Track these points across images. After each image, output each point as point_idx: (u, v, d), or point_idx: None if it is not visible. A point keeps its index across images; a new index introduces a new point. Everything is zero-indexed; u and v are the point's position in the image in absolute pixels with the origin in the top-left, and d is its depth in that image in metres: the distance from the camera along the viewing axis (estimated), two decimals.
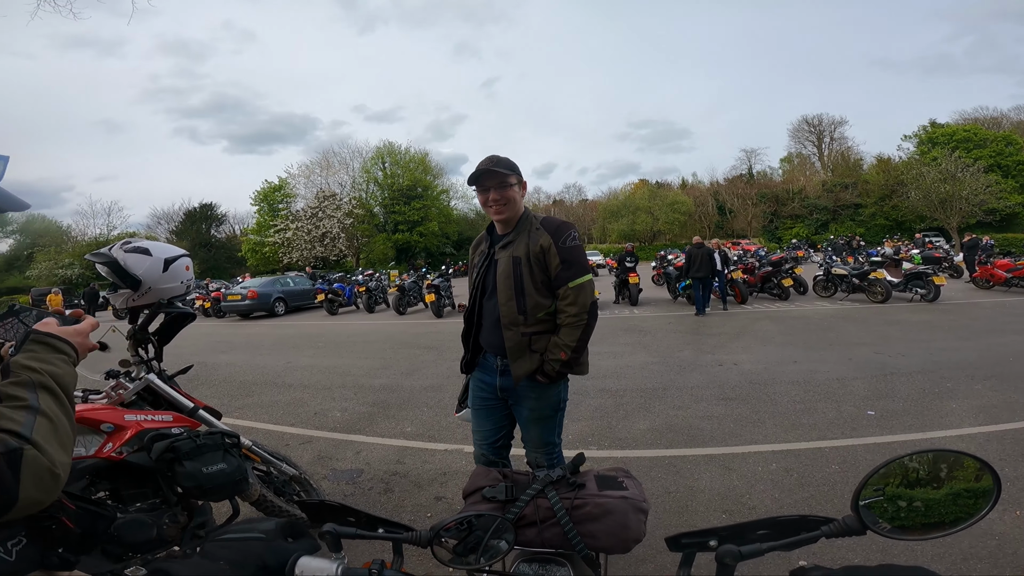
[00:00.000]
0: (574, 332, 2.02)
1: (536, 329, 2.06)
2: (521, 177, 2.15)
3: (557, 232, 2.07)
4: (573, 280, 2.03)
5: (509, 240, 2.11)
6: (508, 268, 2.06)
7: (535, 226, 2.10)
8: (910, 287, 11.09)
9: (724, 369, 6.13)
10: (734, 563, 0.68)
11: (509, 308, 2.05)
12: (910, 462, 0.66)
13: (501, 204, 2.07)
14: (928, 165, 37.24)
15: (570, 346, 2.02)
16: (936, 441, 3.77)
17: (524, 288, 2.02)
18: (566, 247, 2.05)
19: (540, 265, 2.04)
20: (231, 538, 0.74)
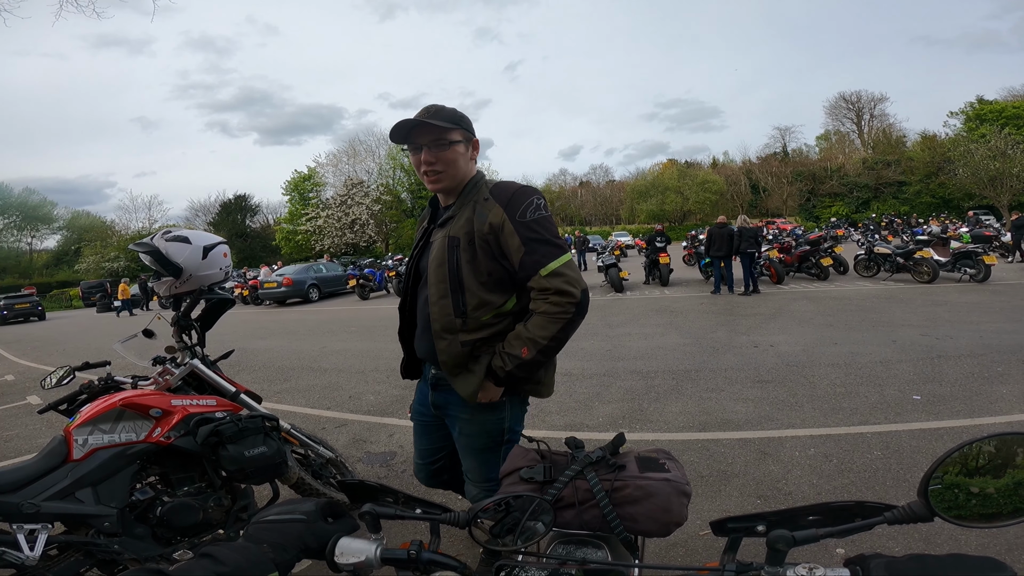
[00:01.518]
0: (551, 325, 1.43)
1: (481, 335, 1.52)
2: (470, 132, 1.60)
3: (512, 202, 1.48)
4: (546, 265, 1.45)
5: (450, 215, 1.57)
6: (442, 254, 1.51)
7: (483, 197, 1.53)
8: (958, 267, 10.58)
9: (760, 351, 5.98)
10: (787, 548, 0.65)
11: (442, 309, 1.50)
12: (986, 446, 0.62)
13: (436, 169, 1.52)
14: (976, 142, 35.52)
15: (540, 342, 1.43)
16: (986, 428, 3.60)
17: (463, 281, 1.48)
18: (527, 221, 1.47)
19: (488, 250, 1.49)
20: (273, 520, 0.75)
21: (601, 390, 4.91)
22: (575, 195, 58.65)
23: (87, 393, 2.32)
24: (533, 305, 1.48)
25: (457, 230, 1.52)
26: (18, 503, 1.74)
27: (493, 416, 1.61)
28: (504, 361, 1.48)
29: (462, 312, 1.51)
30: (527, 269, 1.46)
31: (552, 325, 1.43)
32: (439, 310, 1.52)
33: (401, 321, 1.80)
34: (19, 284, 37.35)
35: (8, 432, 5.24)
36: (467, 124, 1.60)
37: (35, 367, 9.54)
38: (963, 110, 42.06)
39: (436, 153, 1.52)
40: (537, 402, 4.68)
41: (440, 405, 1.71)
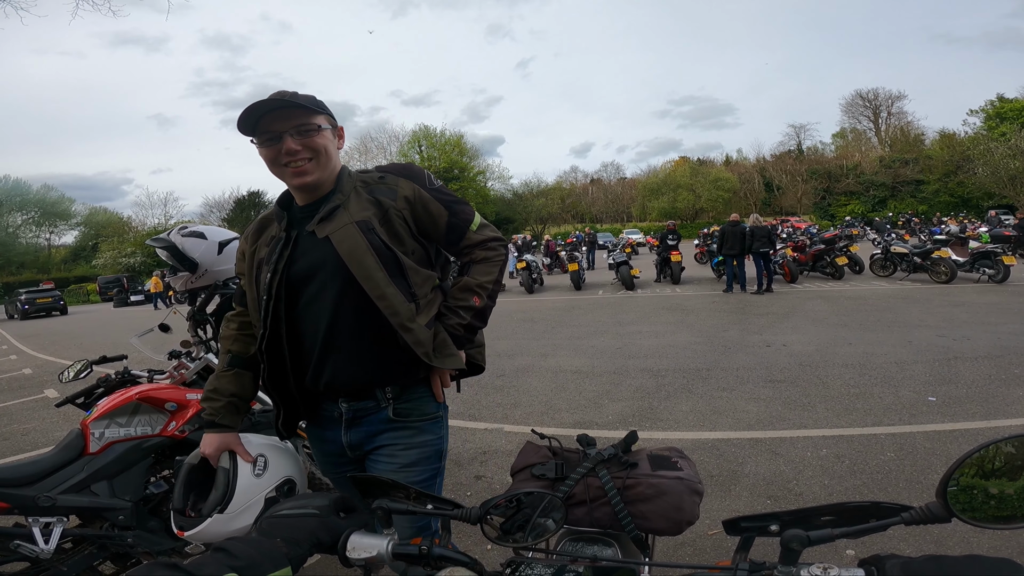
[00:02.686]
0: (493, 268, 1.44)
1: (432, 313, 1.39)
2: (332, 117, 1.40)
3: (414, 175, 1.42)
4: (472, 220, 1.44)
5: (333, 206, 1.33)
6: (358, 242, 1.28)
7: (372, 179, 1.40)
8: (977, 267, 10.40)
9: (772, 350, 5.93)
10: (801, 548, 0.65)
11: (392, 299, 1.29)
12: (1005, 447, 0.61)
13: (306, 159, 1.30)
14: (996, 141, 34.84)
15: (487, 287, 1.42)
16: (1002, 430, 3.54)
17: (400, 261, 1.33)
18: (437, 187, 1.43)
19: (406, 227, 1.36)
20: (286, 514, 0.76)
21: (611, 388, 4.90)
22: (586, 192, 58.46)
23: (104, 387, 2.36)
24: (468, 257, 1.45)
25: (361, 212, 1.32)
26: (35, 496, 1.77)
27: (432, 436, 1.42)
28: (460, 316, 1.39)
29: (412, 294, 1.34)
30: (457, 229, 1.41)
31: (494, 268, 1.44)
32: (390, 303, 1.29)
33: (267, 364, 1.36)
34: (37, 279, 38.04)
35: (26, 425, 5.35)
36: (329, 110, 1.41)
37: (53, 361, 9.72)
38: (983, 108, 41.27)
39: (303, 140, 1.30)
40: (547, 400, 4.68)
41: (360, 443, 1.40)
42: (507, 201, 50.29)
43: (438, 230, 1.40)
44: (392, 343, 1.32)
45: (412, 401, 1.40)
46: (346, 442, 1.42)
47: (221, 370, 1.46)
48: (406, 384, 1.39)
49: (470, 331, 1.42)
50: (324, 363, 1.34)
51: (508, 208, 49.28)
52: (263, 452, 1.37)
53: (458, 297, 1.41)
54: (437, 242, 1.45)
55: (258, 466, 1.34)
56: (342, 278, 1.30)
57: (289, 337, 1.35)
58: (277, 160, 1.31)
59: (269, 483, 1.32)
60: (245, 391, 1.45)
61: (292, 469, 1.41)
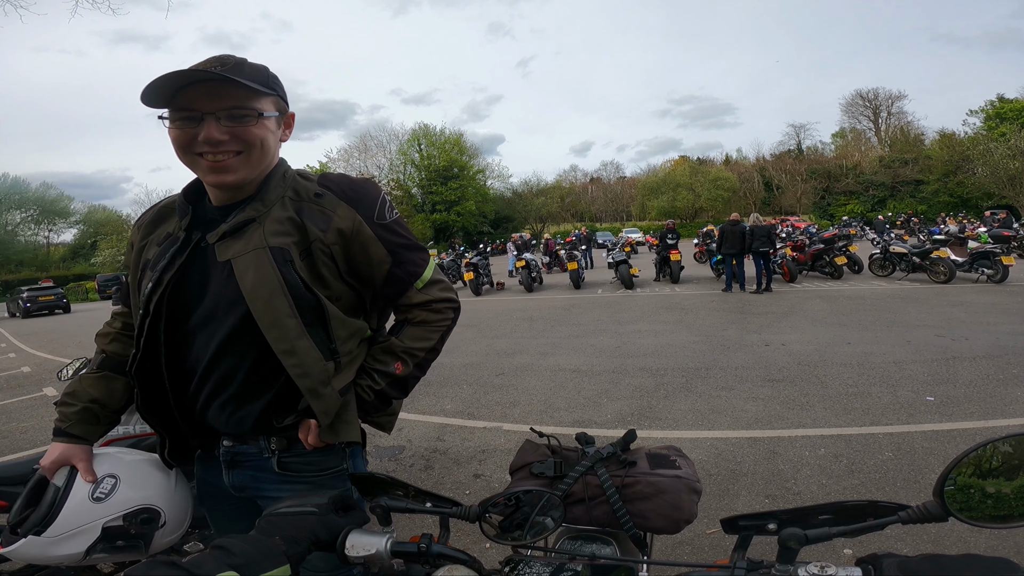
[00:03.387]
0: (431, 335, 1.18)
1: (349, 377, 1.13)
2: (283, 99, 1.10)
3: (363, 199, 1.10)
4: (421, 275, 1.16)
5: (246, 219, 1.04)
6: (268, 276, 1.00)
7: (308, 194, 1.09)
8: (976, 267, 10.41)
9: (771, 349, 5.94)
10: (798, 547, 0.65)
11: (303, 356, 1.03)
12: (1002, 446, 0.61)
13: (231, 152, 1.01)
14: (996, 141, 34.85)
15: (417, 354, 1.16)
16: (1000, 430, 3.55)
17: (323, 307, 1.06)
18: (388, 223, 1.12)
19: (332, 267, 1.08)
20: (285, 512, 0.76)
21: (610, 387, 4.90)
22: (586, 191, 58.48)
23: None
24: (407, 313, 1.19)
25: (276, 238, 1.03)
26: None
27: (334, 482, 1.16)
28: (374, 379, 1.14)
29: (332, 351, 1.08)
30: (399, 284, 1.13)
31: (432, 335, 1.18)
32: (300, 361, 1.02)
33: (140, 387, 1.11)
34: (36, 277, 38.00)
35: (24, 423, 5.35)
36: (283, 90, 1.11)
37: (51, 359, 9.71)
38: (983, 108, 41.29)
39: (234, 128, 0.99)
40: (545, 398, 4.69)
41: (245, 486, 1.17)
42: (507, 200, 50.34)
43: (375, 279, 1.12)
44: (286, 399, 1.08)
45: (305, 455, 1.13)
46: (228, 483, 1.18)
47: (89, 371, 1.23)
48: (294, 439, 1.12)
49: (382, 400, 1.17)
50: (198, 399, 1.11)
51: (508, 207, 49.33)
52: (116, 473, 1.14)
53: (377, 358, 1.16)
54: (372, 291, 1.16)
55: (100, 489, 1.11)
56: (237, 315, 1.02)
57: (169, 361, 1.08)
58: (190, 147, 1.00)
59: (114, 510, 1.10)
60: (112, 399, 1.19)
61: (159, 498, 1.18)
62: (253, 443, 1.14)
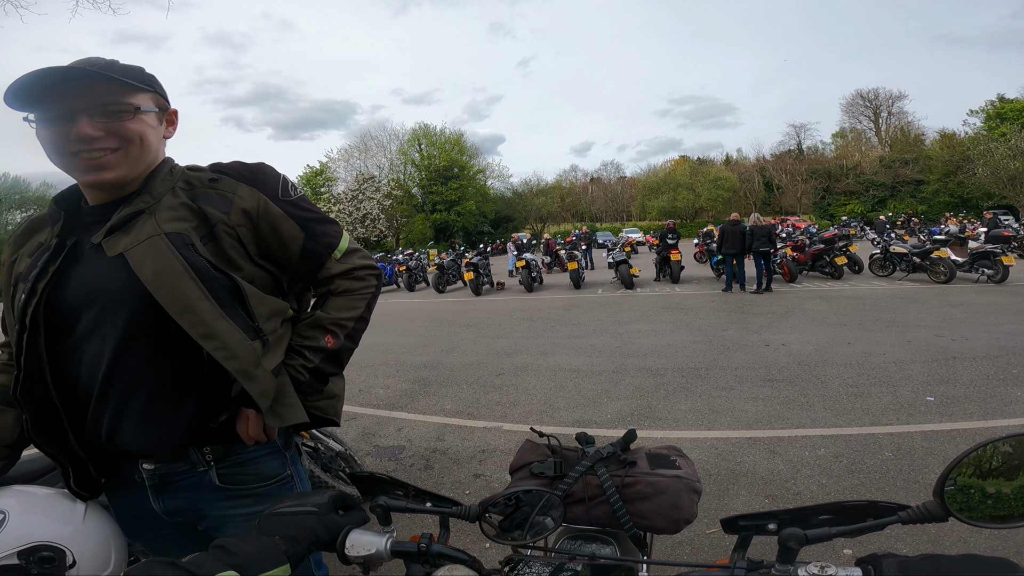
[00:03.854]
0: (358, 303, 1.16)
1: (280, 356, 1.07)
2: (162, 96, 1.07)
3: (264, 179, 1.08)
4: (337, 245, 1.15)
5: (133, 211, 0.98)
6: (169, 262, 0.94)
7: (201, 180, 1.05)
8: (976, 267, 10.40)
9: (771, 349, 5.94)
10: (798, 547, 0.65)
11: (228, 334, 0.96)
12: (1002, 446, 0.61)
13: (108, 149, 0.95)
14: (996, 141, 34.82)
15: (346, 325, 1.13)
16: (1000, 430, 3.55)
17: (238, 286, 1.00)
18: (294, 199, 1.10)
19: (239, 248, 1.03)
20: (285, 512, 0.76)
21: (610, 387, 4.90)
22: (586, 191, 58.48)
23: None
24: (328, 285, 1.16)
25: (172, 224, 0.97)
26: None
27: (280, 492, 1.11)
28: (305, 358, 1.09)
29: (256, 329, 1.01)
30: (315, 257, 1.11)
31: (358, 303, 1.15)
32: (223, 342, 0.95)
33: (29, 412, 1.01)
34: None
35: None
36: (161, 87, 1.07)
37: None
38: (983, 108, 41.27)
39: (109, 124, 0.95)
40: (546, 398, 4.69)
41: (182, 510, 1.08)
42: (507, 200, 50.35)
43: (289, 256, 1.09)
44: (205, 394, 1.01)
45: (245, 464, 1.07)
46: (160, 509, 1.07)
47: None
48: (232, 440, 1.05)
49: (318, 378, 1.11)
50: (102, 419, 1.00)
51: (508, 207, 49.35)
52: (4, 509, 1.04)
53: (305, 335, 1.10)
54: (287, 270, 1.12)
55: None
56: (130, 311, 0.95)
57: (56, 380, 0.99)
58: (62, 148, 0.94)
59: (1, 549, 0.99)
60: (4, 434, 1.09)
61: (61, 534, 1.05)
62: (183, 459, 1.05)
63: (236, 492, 1.07)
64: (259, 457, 1.08)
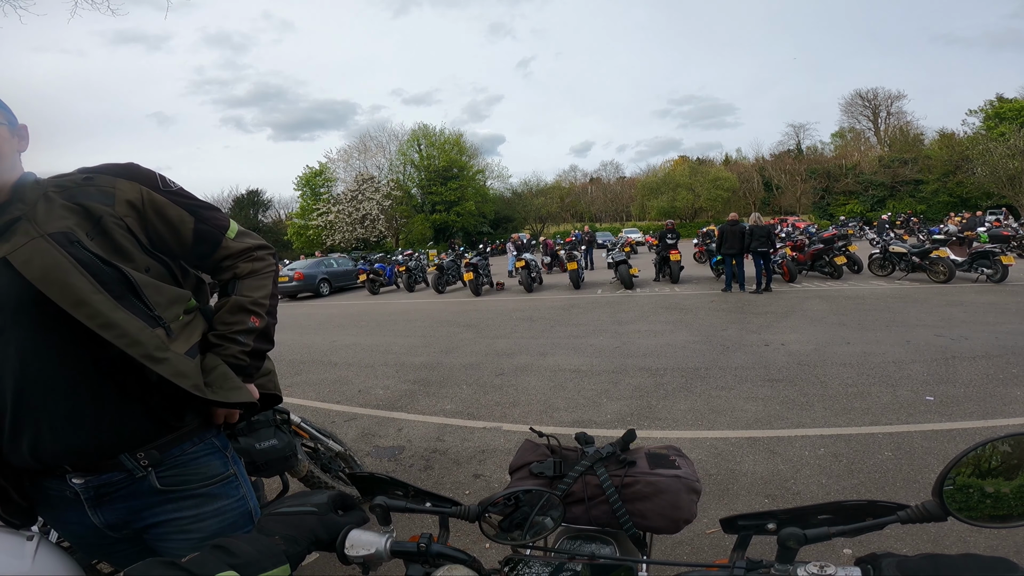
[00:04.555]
0: (265, 281, 1.20)
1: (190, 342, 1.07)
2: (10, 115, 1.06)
3: (140, 175, 1.09)
4: (227, 225, 1.19)
5: (10, 219, 0.97)
6: (55, 259, 0.92)
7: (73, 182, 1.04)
8: (975, 267, 10.41)
9: (771, 349, 5.94)
10: (798, 547, 0.65)
11: (127, 323, 0.94)
12: (1001, 446, 0.61)
13: None
14: (995, 141, 34.84)
15: (264, 303, 1.18)
16: (1000, 430, 3.55)
17: (129, 277, 0.98)
18: (175, 189, 1.12)
19: (131, 238, 1.03)
20: (284, 512, 0.76)
21: (610, 387, 4.90)
22: (585, 191, 58.48)
23: None
24: (230, 270, 1.18)
25: (54, 224, 0.96)
26: None
27: (229, 500, 1.11)
28: (239, 343, 1.11)
29: (155, 317, 0.99)
30: (209, 237, 1.13)
31: (265, 281, 1.20)
32: (123, 330, 0.93)
33: None
34: None
35: None
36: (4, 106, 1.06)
37: None
38: (982, 108, 41.31)
39: None
40: (545, 398, 4.69)
41: (124, 522, 1.04)
42: (506, 200, 50.33)
43: (183, 241, 1.10)
44: (129, 390, 0.98)
45: (184, 465, 1.05)
46: (100, 523, 1.03)
47: None
48: (168, 443, 1.03)
49: (257, 357, 1.16)
50: (21, 432, 0.95)
51: (507, 207, 49.35)
52: None
53: (230, 321, 1.12)
54: (182, 257, 1.13)
55: None
56: (31, 314, 0.93)
57: None
58: None
59: None
60: None
61: None
62: (117, 468, 1.00)
63: (180, 493, 1.05)
64: (199, 457, 1.09)
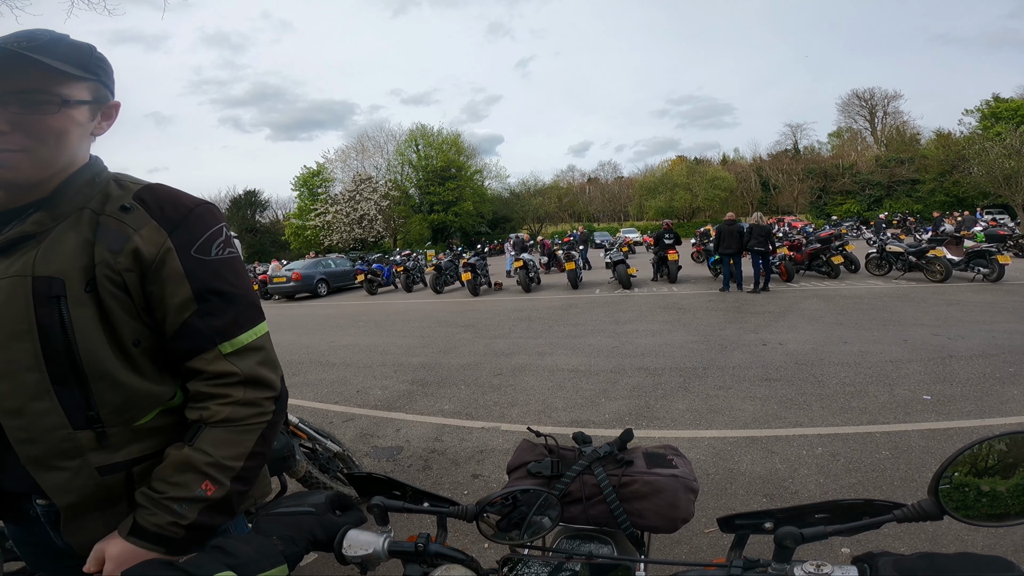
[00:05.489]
0: (244, 437, 0.86)
1: (143, 451, 0.88)
2: (106, 87, 0.89)
3: (187, 223, 0.87)
4: (234, 336, 0.88)
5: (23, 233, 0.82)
6: (19, 310, 0.79)
7: (117, 204, 0.86)
8: (972, 266, 10.44)
9: (768, 349, 5.95)
10: (794, 546, 0.65)
11: (37, 417, 0.79)
12: (997, 444, 0.62)
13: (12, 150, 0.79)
14: (992, 140, 34.95)
15: (231, 466, 0.85)
16: (996, 429, 3.57)
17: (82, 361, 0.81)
18: (210, 259, 0.87)
19: (127, 301, 0.84)
20: (282, 512, 0.76)
21: (608, 387, 4.91)
22: (583, 191, 58.55)
23: None
24: (199, 408, 0.87)
25: (51, 265, 0.80)
26: None
27: None
28: (176, 514, 0.81)
29: (91, 417, 0.82)
30: (195, 339, 0.85)
31: (247, 436, 0.86)
32: (27, 423, 0.79)
33: None
34: None
35: None
36: (108, 75, 0.89)
37: None
38: (979, 108, 41.48)
39: (23, 116, 0.78)
40: (544, 398, 4.69)
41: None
42: (504, 200, 50.33)
43: (167, 325, 0.85)
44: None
45: None
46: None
47: None
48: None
49: (202, 532, 0.84)
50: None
51: (505, 207, 49.35)
52: None
53: (171, 482, 0.83)
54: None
55: None
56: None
57: None
58: None
59: None
60: None
61: None
62: None
63: None
64: None
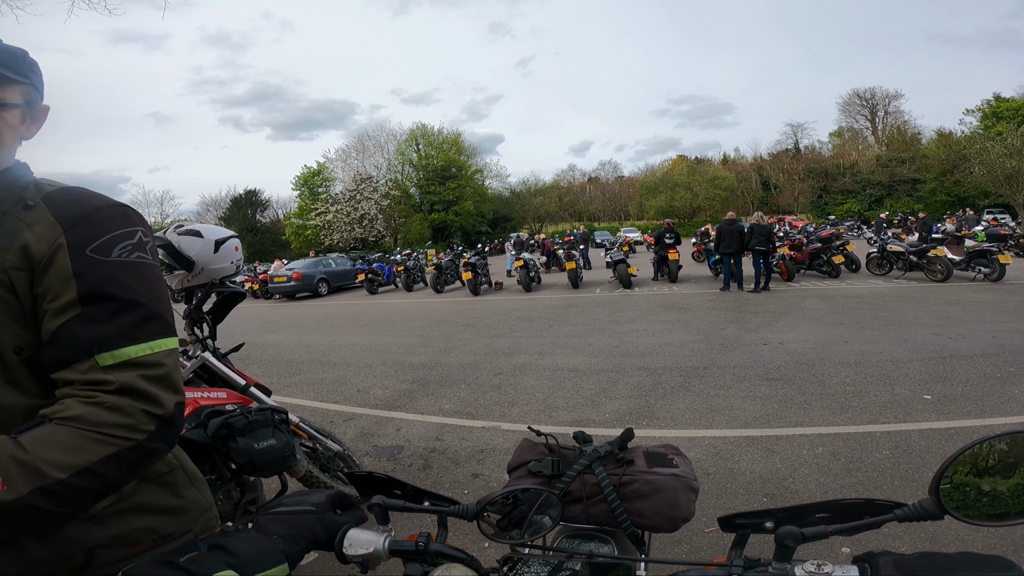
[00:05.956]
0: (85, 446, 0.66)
1: None
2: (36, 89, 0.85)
3: (85, 219, 0.78)
4: (114, 346, 0.73)
5: None
6: None
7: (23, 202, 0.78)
8: (973, 265, 10.44)
9: (769, 348, 5.95)
10: (795, 545, 0.65)
11: None
12: (998, 444, 0.62)
13: None
14: (993, 140, 34.91)
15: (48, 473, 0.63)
16: (997, 428, 3.56)
17: None
18: (109, 260, 0.77)
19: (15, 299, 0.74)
20: (283, 511, 0.76)
21: (608, 386, 4.91)
22: (584, 191, 58.55)
23: None
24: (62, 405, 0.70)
25: None
26: None
27: None
28: None
29: None
30: (70, 346, 0.73)
31: (92, 447, 0.67)
32: None
33: None
34: None
35: None
36: (39, 77, 0.86)
37: None
38: (980, 107, 41.46)
39: None
40: (544, 398, 4.69)
41: None
42: (505, 200, 50.37)
43: (42, 329, 0.74)
44: None
45: None
46: None
47: None
48: None
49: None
50: None
51: (506, 206, 49.38)
52: None
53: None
54: None
55: None
56: None
57: None
58: None
59: None
60: None
61: None
62: None
63: None
64: None
